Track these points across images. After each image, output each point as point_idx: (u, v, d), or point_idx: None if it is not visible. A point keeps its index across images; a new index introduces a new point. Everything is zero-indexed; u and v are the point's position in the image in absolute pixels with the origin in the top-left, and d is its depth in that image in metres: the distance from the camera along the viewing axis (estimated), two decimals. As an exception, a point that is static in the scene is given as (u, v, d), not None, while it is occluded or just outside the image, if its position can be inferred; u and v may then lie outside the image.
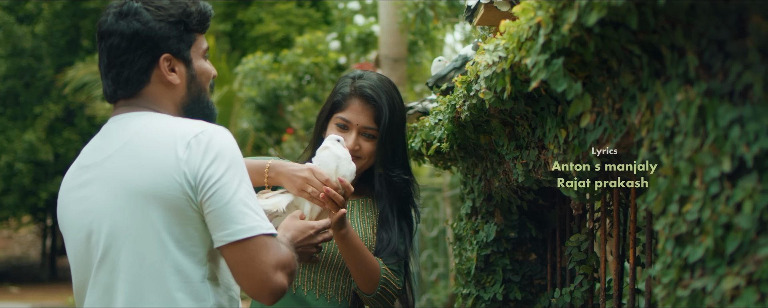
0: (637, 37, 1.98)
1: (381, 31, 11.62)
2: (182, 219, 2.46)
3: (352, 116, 3.48)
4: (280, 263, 2.44)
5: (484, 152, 3.47)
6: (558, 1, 2.09)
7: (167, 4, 2.65)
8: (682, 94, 1.85)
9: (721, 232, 1.69)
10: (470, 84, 3.02)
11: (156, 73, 2.63)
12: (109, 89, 2.68)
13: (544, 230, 3.69)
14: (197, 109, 2.71)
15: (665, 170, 1.91)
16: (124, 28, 2.60)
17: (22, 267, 27.91)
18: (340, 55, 15.29)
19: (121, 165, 2.54)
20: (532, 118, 2.82)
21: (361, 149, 3.48)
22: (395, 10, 11.01)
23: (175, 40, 2.63)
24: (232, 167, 2.45)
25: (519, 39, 2.40)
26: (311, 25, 22.13)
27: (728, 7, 1.68)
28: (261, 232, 2.42)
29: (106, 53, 2.64)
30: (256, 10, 23.78)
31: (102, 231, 2.56)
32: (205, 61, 2.74)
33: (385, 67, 11.25)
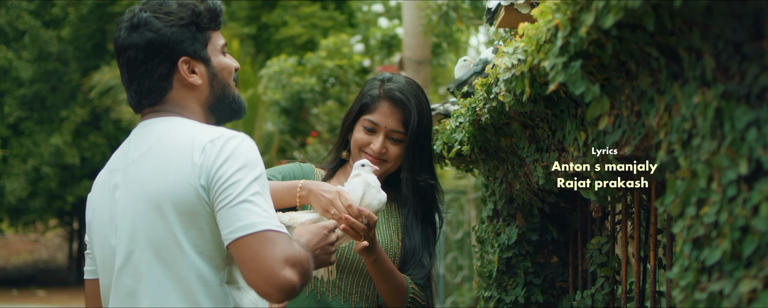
0: (655, 40, 1.97)
1: (404, 33, 11.62)
2: (199, 224, 2.48)
3: (381, 119, 3.47)
4: (289, 259, 2.39)
5: (505, 155, 3.47)
6: (575, 4, 2.09)
7: (176, 8, 2.67)
8: (699, 96, 1.85)
9: (738, 235, 1.69)
10: (490, 87, 3.02)
11: (177, 78, 2.66)
12: (133, 100, 2.72)
13: (565, 232, 3.68)
14: (223, 105, 2.73)
15: (683, 173, 1.91)
16: (137, 40, 2.63)
17: (49, 271, 28.06)
18: (365, 58, 15.30)
19: (143, 171, 2.56)
20: (551, 120, 2.82)
21: (388, 152, 3.48)
22: (418, 12, 11.01)
23: (189, 42, 2.65)
24: (245, 168, 2.46)
25: (537, 42, 2.40)
26: (336, 28, 22.15)
27: (744, 9, 1.68)
28: (265, 227, 2.40)
29: (125, 67, 2.68)
30: (281, 13, 23.83)
31: (124, 236, 2.58)
32: (225, 56, 2.76)
33: (409, 70, 11.25)
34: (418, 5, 10.97)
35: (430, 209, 3.59)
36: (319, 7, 23.70)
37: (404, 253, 3.49)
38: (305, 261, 2.46)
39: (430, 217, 3.59)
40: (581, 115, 2.58)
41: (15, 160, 24.37)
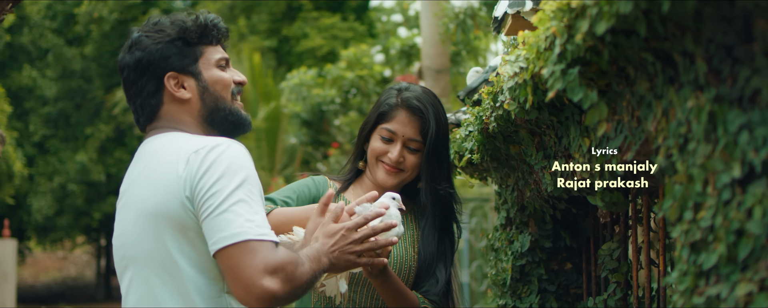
0: (650, 45, 1.97)
1: (423, 42, 11.64)
2: (190, 237, 2.49)
3: (398, 128, 3.46)
4: (270, 266, 2.37)
5: (516, 163, 3.46)
6: (571, 11, 2.09)
7: (167, 25, 2.71)
8: (692, 100, 1.85)
9: (733, 238, 1.68)
10: (496, 95, 3.02)
11: (166, 93, 2.69)
12: (135, 118, 2.76)
13: (578, 239, 3.67)
14: (219, 118, 2.74)
15: (679, 177, 1.91)
16: (129, 60, 2.69)
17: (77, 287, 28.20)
18: (385, 68, 15.32)
19: (139, 189, 2.60)
20: (557, 127, 2.82)
21: (405, 161, 3.47)
22: (436, 21, 11.03)
23: (176, 57, 2.68)
24: (225, 177, 2.45)
25: (538, 49, 2.40)
26: (356, 39, 22.19)
27: (734, 12, 1.68)
28: (245, 238, 2.38)
29: (124, 87, 2.75)
30: (301, 25, 23.90)
31: (125, 255, 2.63)
32: (222, 70, 2.77)
33: (428, 79, 11.26)
34: (435, 14, 10.98)
35: (449, 219, 3.57)
36: (339, 19, 23.76)
37: (420, 264, 3.47)
38: (291, 268, 2.41)
39: (448, 227, 3.57)
40: (584, 121, 2.58)
41: (41, 178, 24.52)
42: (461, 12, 10.00)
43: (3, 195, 21.29)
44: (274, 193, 3.47)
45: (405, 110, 3.47)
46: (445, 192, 3.50)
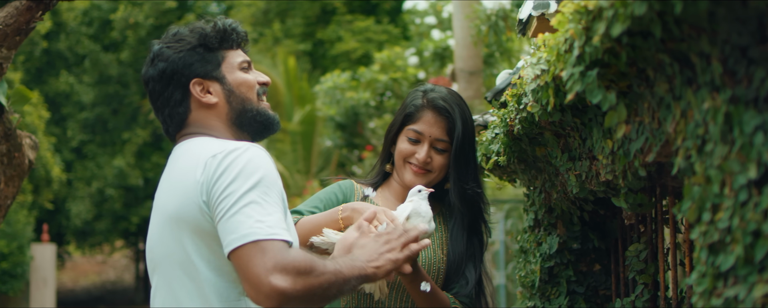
0: (666, 46, 1.97)
1: (456, 44, 11.63)
2: (208, 241, 2.51)
3: (425, 128, 3.46)
4: (279, 265, 2.36)
5: (542, 164, 3.46)
6: (588, 14, 2.09)
7: (186, 34, 2.74)
8: (709, 101, 1.84)
9: (750, 239, 1.68)
10: (520, 97, 3.02)
11: (193, 100, 2.72)
12: (164, 129, 2.80)
13: (606, 240, 3.66)
14: (247, 119, 2.77)
15: (697, 179, 1.90)
16: (153, 72, 2.73)
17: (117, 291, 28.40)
18: (419, 71, 15.32)
19: (164, 193, 2.64)
20: (581, 129, 2.81)
21: (433, 162, 3.47)
22: (468, 23, 11.01)
23: (198, 64, 2.71)
24: (238, 179, 2.46)
25: (558, 51, 2.40)
26: (390, 42, 22.21)
27: (747, 13, 1.67)
28: (255, 238, 2.38)
29: (150, 100, 2.80)
30: (335, 28, 23.95)
31: (152, 258, 2.66)
32: (245, 72, 2.79)
33: (461, 81, 11.25)
34: (467, 16, 10.97)
35: (477, 220, 3.57)
36: (373, 21, 23.78)
37: (448, 265, 3.47)
38: (305, 267, 2.40)
39: (477, 227, 3.57)
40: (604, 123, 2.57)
41: (79, 183, 24.73)
42: (493, 14, 9.99)
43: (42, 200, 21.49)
44: (300, 205, 3.47)
45: (431, 110, 3.47)
46: (472, 192, 3.50)
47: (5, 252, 18.23)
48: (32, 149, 4.85)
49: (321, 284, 2.43)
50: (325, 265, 2.48)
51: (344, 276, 2.52)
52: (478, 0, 11.03)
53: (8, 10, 3.95)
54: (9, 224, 18.42)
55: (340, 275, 2.51)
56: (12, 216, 18.72)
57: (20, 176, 4.69)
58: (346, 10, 24.61)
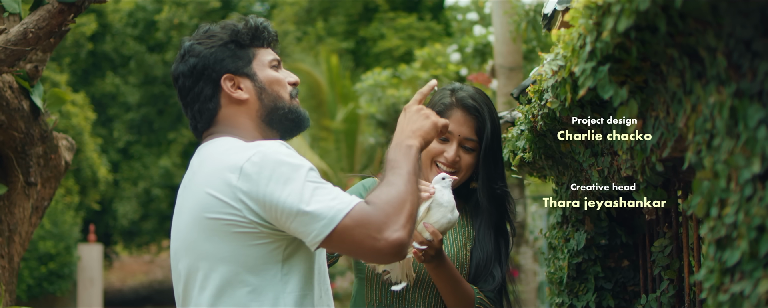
0: (675, 41, 1.96)
1: (495, 40, 11.58)
2: (246, 242, 2.51)
3: (454, 127, 3.44)
4: (376, 225, 2.43)
5: (569, 160, 3.44)
6: (598, 9, 2.08)
7: (218, 30, 2.75)
8: (714, 95, 1.83)
9: (755, 234, 1.66)
10: (542, 93, 3.01)
11: (223, 96, 2.72)
12: (191, 126, 2.80)
13: (634, 235, 3.63)
14: (278, 116, 2.77)
15: (706, 174, 1.89)
16: (184, 68, 2.72)
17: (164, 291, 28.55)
18: (460, 67, 15.29)
19: (190, 195, 2.62)
20: (602, 124, 2.80)
21: (461, 160, 3.46)
22: (507, 19, 10.98)
23: (229, 60, 2.72)
24: (291, 179, 2.47)
25: (573, 47, 2.39)
26: (433, 38, 22.20)
27: (749, 6, 1.66)
28: (341, 216, 2.43)
29: (180, 96, 2.78)
30: (378, 26, 23.97)
31: (181, 261, 2.65)
32: (276, 70, 2.80)
33: (501, 77, 11.21)
34: (506, 12, 10.94)
35: (503, 219, 3.56)
36: (415, 19, 23.78)
37: (476, 264, 3.46)
38: (389, 207, 2.47)
39: (503, 226, 3.56)
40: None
41: (126, 183, 24.93)
42: (531, 9, 9.96)
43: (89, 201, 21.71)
44: None
45: (460, 109, 3.46)
46: (501, 191, 3.49)
47: (52, 252, 18.43)
48: (69, 151, 4.90)
49: (402, 200, 2.51)
50: (398, 185, 2.55)
51: (407, 170, 2.61)
52: (517, -4, 11.01)
53: (40, 13, 3.99)
54: (56, 225, 18.62)
55: (405, 175, 2.60)
56: (59, 217, 18.92)
57: (57, 177, 4.73)
58: (388, 7, 24.62)
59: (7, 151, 4.31)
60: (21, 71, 4.25)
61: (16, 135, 4.26)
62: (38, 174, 4.57)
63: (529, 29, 10.06)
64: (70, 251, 18.92)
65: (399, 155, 2.68)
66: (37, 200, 4.63)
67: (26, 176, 4.48)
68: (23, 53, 3.99)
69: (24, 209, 4.54)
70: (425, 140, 2.81)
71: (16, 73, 4.18)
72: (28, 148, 4.41)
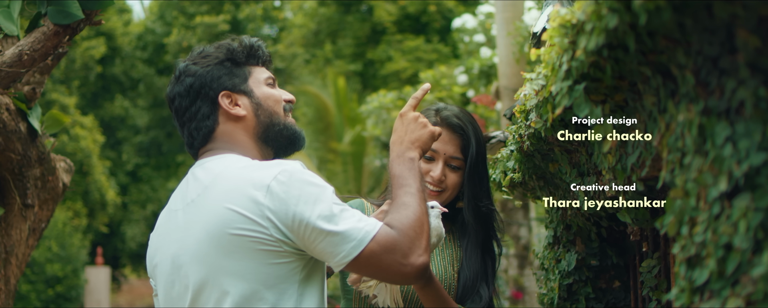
0: (648, 59, 1.95)
1: (499, 62, 11.60)
2: (268, 260, 2.50)
3: (440, 146, 3.45)
4: (402, 249, 2.48)
5: (558, 181, 3.44)
6: (572, 28, 2.08)
7: (212, 50, 2.77)
8: (684, 113, 1.82)
9: (722, 253, 1.65)
10: (528, 113, 3.00)
11: (221, 113, 2.73)
12: (187, 145, 2.80)
13: (625, 256, 3.62)
14: (274, 133, 2.78)
15: (677, 192, 1.88)
16: (180, 88, 2.73)
17: (169, 314, 28.50)
18: (466, 89, 15.30)
19: (203, 210, 2.58)
20: (587, 144, 2.79)
21: (447, 179, 3.46)
22: (511, 40, 10.99)
23: (226, 77, 2.73)
24: (319, 200, 2.49)
25: (553, 66, 2.39)
26: (440, 60, 22.23)
27: (715, 23, 1.65)
28: (369, 238, 2.46)
29: (176, 117, 2.78)
30: (386, 48, 24.03)
31: (190, 276, 2.61)
32: (271, 88, 2.81)
33: (505, 98, 11.22)
34: (509, 33, 10.96)
35: (489, 237, 3.55)
36: (423, 41, 23.82)
37: (462, 283, 3.45)
38: (410, 230, 2.52)
39: (489, 245, 3.55)
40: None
41: (134, 206, 24.96)
42: (534, 31, 9.93)
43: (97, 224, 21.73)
44: None
45: (445, 128, 3.47)
46: (486, 209, 3.49)
47: (60, 275, 18.44)
48: (67, 173, 4.90)
49: (419, 221, 2.57)
50: (413, 206, 2.60)
51: (416, 187, 2.68)
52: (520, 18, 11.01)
53: (36, 35, 4.00)
54: (63, 247, 18.63)
55: (416, 193, 2.66)
56: (67, 240, 18.94)
57: (54, 199, 4.73)
58: (396, 29, 24.68)
59: (4, 173, 4.32)
60: (18, 93, 4.26)
61: (13, 157, 4.27)
62: (35, 196, 4.57)
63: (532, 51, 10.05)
64: (77, 274, 18.92)
65: (405, 170, 2.73)
66: (35, 222, 4.63)
67: (23, 197, 4.48)
68: (18, 75, 4.00)
69: (21, 231, 4.54)
70: (423, 150, 2.87)
71: (13, 94, 4.18)
72: (26, 170, 4.41)
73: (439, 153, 3.44)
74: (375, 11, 24.98)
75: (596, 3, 1.86)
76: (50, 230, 18.88)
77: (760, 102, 1.57)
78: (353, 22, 25.57)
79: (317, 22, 26.37)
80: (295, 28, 27.11)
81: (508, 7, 11.28)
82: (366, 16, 25.91)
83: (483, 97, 13.00)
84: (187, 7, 26.58)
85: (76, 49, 23.84)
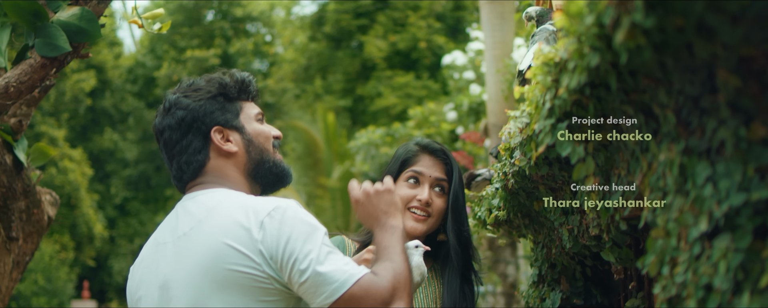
0: (630, 98, 1.95)
1: (488, 99, 11.61)
2: (259, 296, 2.49)
3: (425, 169, 3.48)
4: (385, 293, 2.47)
5: (543, 219, 3.43)
6: (556, 66, 2.08)
7: (203, 84, 2.75)
8: (665, 153, 1.82)
9: (702, 293, 1.64)
10: (512, 151, 3.00)
11: (213, 148, 2.71)
12: (175, 178, 2.77)
13: (610, 296, 3.60)
14: (264, 170, 2.77)
15: (658, 232, 1.87)
16: (170, 121, 2.70)
17: (158, 348, 28.36)
18: (454, 126, 15.32)
19: (195, 244, 2.56)
20: (571, 182, 2.78)
21: (433, 204, 3.47)
22: (499, 77, 11.02)
23: (219, 112, 2.72)
24: (310, 239, 2.48)
25: (536, 104, 2.39)
26: (430, 97, 22.28)
27: (696, 63, 1.65)
28: (352, 281, 2.44)
29: (164, 149, 2.75)
30: (375, 84, 24.07)
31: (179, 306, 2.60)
32: (261, 124, 2.81)
33: (494, 136, 11.22)
34: (498, 70, 10.98)
35: (469, 267, 3.56)
36: (413, 77, 23.87)
37: None
38: (394, 278, 2.52)
39: (469, 276, 3.56)
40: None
41: (122, 240, 24.88)
42: (523, 68, 9.96)
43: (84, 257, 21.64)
44: None
45: (427, 154, 3.52)
46: (468, 235, 3.51)
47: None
48: (52, 206, 4.87)
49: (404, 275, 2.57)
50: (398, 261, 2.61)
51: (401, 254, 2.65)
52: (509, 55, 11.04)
53: (22, 67, 3.99)
54: (50, 281, 18.54)
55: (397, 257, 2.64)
56: (53, 273, 18.85)
57: (39, 232, 4.71)
58: (386, 65, 24.73)
59: (-12, 205, 4.30)
60: (4, 125, 4.25)
61: (-3, 189, 4.25)
62: (20, 229, 4.54)
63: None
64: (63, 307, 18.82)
65: (391, 239, 2.72)
66: (19, 255, 4.60)
67: (8, 230, 4.46)
68: (5, 107, 3.99)
69: (5, 264, 4.51)
70: (399, 212, 2.83)
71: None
72: (11, 202, 4.39)
73: (425, 176, 3.47)
74: (365, 47, 25.05)
75: (578, 41, 1.86)
76: (37, 263, 18.80)
77: (741, 142, 1.57)
78: (343, 57, 25.62)
79: (308, 58, 26.42)
80: (285, 63, 27.16)
81: (497, 44, 11.30)
82: (356, 52, 25.97)
83: (472, 134, 13.02)
84: (178, 41, 26.63)
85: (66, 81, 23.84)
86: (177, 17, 25.96)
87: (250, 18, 27.65)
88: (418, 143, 3.57)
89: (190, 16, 26.88)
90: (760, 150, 1.55)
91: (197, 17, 27.15)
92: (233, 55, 26.54)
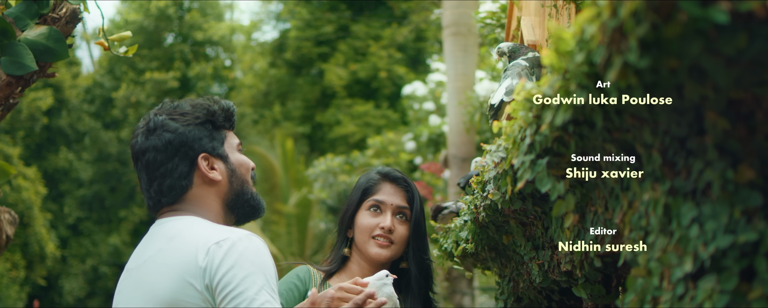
0: (613, 136, 1.95)
1: (449, 131, 11.65)
2: None
3: (386, 197, 3.50)
4: None
5: (511, 253, 3.43)
6: (537, 101, 2.08)
7: (189, 109, 2.72)
8: (649, 192, 1.82)
9: (685, 335, 1.65)
10: (485, 185, 3.00)
11: (198, 175, 2.69)
12: (151, 201, 2.73)
13: (575, 331, 3.60)
14: (242, 201, 2.76)
15: (639, 271, 1.87)
16: (156, 142, 2.67)
17: (106, 371, 28.08)
18: (412, 156, 15.35)
19: (152, 272, 2.55)
20: (543, 218, 2.79)
21: (396, 231, 3.47)
22: (461, 109, 11.06)
23: (207, 139, 2.70)
24: (252, 275, 2.43)
25: (514, 139, 2.39)
26: (389, 126, 22.31)
27: (684, 104, 1.66)
28: None
29: (144, 170, 2.70)
30: (335, 112, 24.09)
31: None
32: (241, 154, 2.80)
33: (454, 167, 11.25)
34: (460, 103, 11.02)
35: (428, 295, 3.57)
36: (372, 106, 23.90)
37: None
38: None
39: (430, 303, 3.57)
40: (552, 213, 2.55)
41: (74, 260, 24.65)
42: (486, 101, 10.01)
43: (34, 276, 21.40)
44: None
45: (389, 182, 3.55)
46: (429, 262, 3.53)
47: (-7, 328, 18.10)
48: (11, 225, 4.81)
49: None
50: None
51: None
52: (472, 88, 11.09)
53: (-13, 85, 3.95)
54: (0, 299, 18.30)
55: None
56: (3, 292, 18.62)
57: (-3, 251, 4.64)
58: (345, 94, 24.76)
59: (-55, 223, 4.23)
60: (-35, 143, 4.20)
61: (-45, 207, 4.20)
62: (-23, 248, 4.48)
63: (482, 121, 10.12)
64: (11, 327, 18.59)
65: None
66: (-26, 275, 4.54)
67: (-35, 249, 4.40)
68: (-33, 125, 3.94)
69: (-40, 283, 4.46)
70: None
71: (-41, 144, 4.13)
72: (-32, 221, 4.34)
73: (386, 204, 3.48)
74: (326, 75, 25.07)
75: (564, 79, 1.86)
76: (-14, 281, 18.57)
77: (728, 184, 1.57)
78: (303, 84, 25.62)
79: (267, 83, 26.38)
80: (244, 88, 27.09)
81: (459, 76, 11.35)
82: (316, 79, 25.99)
83: (431, 165, 13.04)
84: (137, 63, 26.51)
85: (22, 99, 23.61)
86: (137, 38, 25.86)
87: (210, 42, 27.60)
88: (379, 172, 3.58)
89: (150, 38, 26.78)
90: (747, 193, 1.55)
91: (157, 40, 27.06)
92: (192, 78, 26.45)
